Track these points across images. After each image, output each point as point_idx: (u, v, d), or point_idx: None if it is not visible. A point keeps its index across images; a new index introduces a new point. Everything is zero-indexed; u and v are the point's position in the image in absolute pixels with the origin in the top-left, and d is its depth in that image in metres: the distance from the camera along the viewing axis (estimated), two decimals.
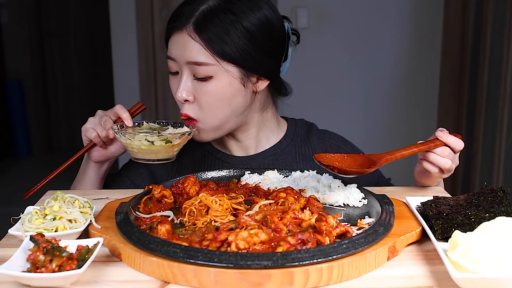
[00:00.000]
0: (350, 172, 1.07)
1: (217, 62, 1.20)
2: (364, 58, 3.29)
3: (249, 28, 1.21)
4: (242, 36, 1.20)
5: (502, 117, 2.61)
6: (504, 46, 2.58)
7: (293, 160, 1.38)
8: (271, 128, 1.40)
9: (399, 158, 1.11)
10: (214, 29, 1.19)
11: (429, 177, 1.21)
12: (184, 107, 1.25)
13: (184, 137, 1.19)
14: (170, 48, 1.25)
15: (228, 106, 1.25)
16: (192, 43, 1.19)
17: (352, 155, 1.11)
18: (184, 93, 1.23)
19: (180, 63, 1.23)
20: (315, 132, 1.44)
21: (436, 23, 3.23)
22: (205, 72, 1.20)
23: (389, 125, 3.39)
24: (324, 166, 1.07)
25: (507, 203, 0.98)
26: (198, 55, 1.19)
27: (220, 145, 1.41)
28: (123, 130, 1.22)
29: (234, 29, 1.19)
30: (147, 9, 3.26)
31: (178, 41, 1.21)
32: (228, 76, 1.22)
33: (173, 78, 1.28)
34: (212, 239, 0.85)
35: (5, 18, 5.28)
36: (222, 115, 1.25)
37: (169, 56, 1.25)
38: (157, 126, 1.29)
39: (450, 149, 1.14)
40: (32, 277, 0.78)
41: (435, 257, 0.90)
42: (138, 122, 1.29)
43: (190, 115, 1.25)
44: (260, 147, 1.39)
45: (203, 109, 1.24)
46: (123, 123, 1.25)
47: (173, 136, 1.17)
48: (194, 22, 1.19)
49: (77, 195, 1.01)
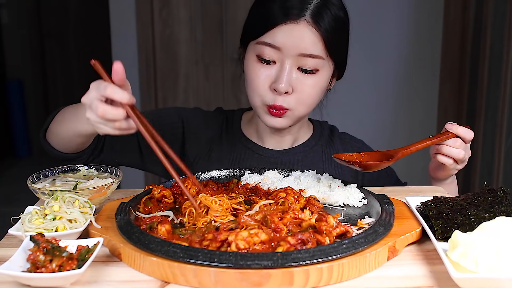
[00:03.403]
0: (371, 166, 1.10)
1: (327, 56, 1.22)
2: (364, 58, 3.29)
3: (347, 23, 1.26)
4: (343, 31, 1.25)
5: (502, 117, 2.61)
6: (504, 46, 2.58)
7: (319, 159, 1.40)
8: (305, 127, 1.44)
9: (413, 151, 1.15)
10: (328, 21, 1.20)
11: (444, 170, 1.25)
12: (279, 99, 1.23)
13: (94, 192, 1.04)
14: (278, 36, 1.19)
15: (318, 100, 1.30)
16: (311, 35, 1.19)
17: (369, 153, 1.15)
18: (287, 84, 1.21)
19: (288, 53, 1.20)
20: (337, 134, 1.47)
21: (436, 23, 3.23)
22: (314, 65, 1.21)
23: (389, 125, 3.39)
24: (345, 162, 1.10)
25: (507, 203, 0.98)
26: (314, 47, 1.20)
27: (254, 136, 1.42)
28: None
29: (340, 23, 1.23)
30: (147, 9, 3.26)
31: (292, 31, 1.19)
32: (329, 70, 1.26)
33: (262, 66, 1.23)
34: (212, 239, 0.85)
35: (5, 18, 5.28)
36: (311, 108, 1.30)
37: (271, 44, 1.20)
38: (93, 174, 1.17)
39: (461, 140, 1.18)
40: (32, 277, 0.78)
41: (435, 257, 0.90)
42: (76, 167, 1.18)
43: (284, 107, 1.24)
44: (294, 143, 1.42)
45: (301, 100, 1.24)
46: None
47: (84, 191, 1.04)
48: (312, 14, 1.19)
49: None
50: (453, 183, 1.34)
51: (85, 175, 1.17)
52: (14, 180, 4.82)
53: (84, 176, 1.16)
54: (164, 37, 3.31)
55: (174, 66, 3.36)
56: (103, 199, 1.08)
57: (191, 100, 3.38)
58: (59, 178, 1.14)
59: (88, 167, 1.19)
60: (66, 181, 1.12)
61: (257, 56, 1.23)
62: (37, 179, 1.11)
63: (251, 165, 1.37)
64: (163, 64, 3.35)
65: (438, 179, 1.31)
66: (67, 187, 1.07)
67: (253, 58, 1.24)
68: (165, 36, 3.31)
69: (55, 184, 1.11)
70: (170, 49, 3.33)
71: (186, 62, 3.36)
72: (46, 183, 1.11)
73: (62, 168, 1.17)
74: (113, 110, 0.92)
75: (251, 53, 1.25)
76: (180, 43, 3.33)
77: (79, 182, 1.11)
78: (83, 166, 1.18)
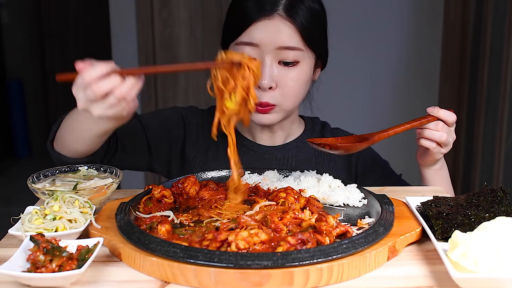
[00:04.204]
0: (340, 147, 1.10)
1: (305, 47, 1.24)
2: (364, 58, 3.28)
3: (323, 14, 1.28)
4: (319, 21, 1.27)
5: (502, 117, 2.61)
6: (504, 46, 2.58)
7: (312, 155, 1.41)
8: (297, 123, 1.45)
9: (392, 135, 1.17)
10: (302, 13, 1.22)
11: (429, 155, 1.25)
12: (264, 95, 1.25)
13: (94, 192, 1.04)
14: (255, 34, 1.22)
15: (304, 91, 1.31)
16: (285, 28, 1.21)
17: (345, 137, 1.17)
18: (270, 79, 1.23)
19: (266, 49, 1.22)
20: (329, 129, 1.49)
21: (436, 23, 3.22)
22: (294, 57, 1.23)
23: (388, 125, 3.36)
24: (315, 145, 1.12)
25: (507, 203, 0.98)
26: (291, 39, 1.22)
27: (247, 133, 1.43)
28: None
29: (315, 14, 1.25)
30: (147, 9, 3.26)
31: (267, 26, 1.22)
32: (309, 61, 1.27)
33: None
34: (212, 239, 0.85)
35: (5, 18, 5.28)
36: (298, 100, 1.31)
37: (249, 42, 1.23)
38: (93, 174, 1.16)
39: (443, 123, 1.19)
40: (32, 277, 0.78)
41: (435, 257, 0.90)
42: (76, 167, 1.17)
43: (270, 103, 1.26)
44: (287, 139, 1.43)
45: (285, 94, 1.26)
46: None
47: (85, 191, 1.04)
48: (284, 7, 1.21)
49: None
50: (443, 168, 1.33)
51: (85, 175, 1.17)
52: (14, 180, 4.82)
53: (84, 176, 1.16)
54: (164, 37, 3.31)
55: None
56: (103, 199, 1.08)
57: (191, 100, 3.38)
58: (59, 178, 1.14)
59: (88, 167, 1.19)
60: (66, 181, 1.12)
61: None
62: (37, 179, 1.11)
63: (247, 161, 1.37)
64: (163, 64, 3.34)
65: (426, 164, 1.31)
66: (67, 187, 1.07)
67: None
68: (165, 36, 3.31)
69: (55, 184, 1.11)
70: (170, 49, 3.33)
71: (186, 62, 3.35)
72: (46, 183, 1.11)
73: (62, 168, 1.17)
74: (106, 81, 0.95)
75: None
76: (180, 43, 3.33)
77: (79, 182, 1.11)
78: (83, 166, 1.18)
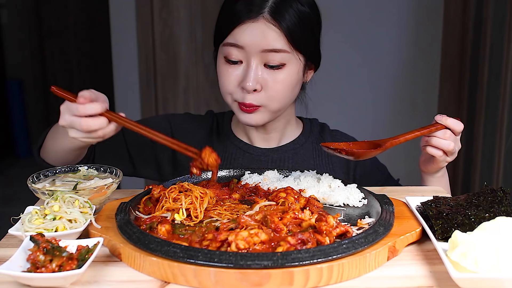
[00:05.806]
0: (358, 154, 1.10)
1: (291, 50, 1.23)
2: (364, 58, 3.28)
3: (313, 17, 1.27)
4: (308, 24, 1.25)
5: (502, 117, 2.60)
6: (504, 46, 2.58)
7: (310, 156, 1.41)
8: (293, 124, 1.45)
9: (402, 142, 1.16)
10: (289, 16, 1.21)
11: (434, 162, 1.25)
12: (248, 97, 1.25)
13: (94, 192, 1.05)
14: (240, 36, 1.22)
15: (292, 94, 1.30)
16: (270, 31, 1.21)
17: (357, 142, 1.16)
18: (255, 82, 1.23)
19: (251, 51, 1.22)
20: (328, 131, 1.48)
21: (436, 23, 3.22)
22: (280, 60, 1.23)
23: (388, 125, 3.39)
24: (331, 150, 1.12)
25: (507, 203, 0.98)
26: (276, 42, 1.21)
27: (243, 135, 1.43)
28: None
29: (303, 17, 1.24)
30: (147, 9, 3.26)
31: (252, 29, 1.21)
32: (297, 63, 1.26)
33: (230, 67, 1.26)
34: (212, 239, 0.85)
35: (5, 18, 5.28)
36: (286, 102, 1.30)
37: (234, 44, 1.23)
38: (93, 174, 1.17)
39: (451, 132, 1.18)
40: (32, 277, 0.78)
41: (435, 257, 0.90)
42: (76, 167, 1.18)
43: (254, 104, 1.25)
44: (282, 141, 1.43)
45: (271, 97, 1.25)
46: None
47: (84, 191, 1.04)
48: (270, 10, 1.21)
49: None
50: (444, 176, 1.34)
51: (85, 175, 1.17)
52: (14, 180, 4.82)
53: (84, 176, 1.17)
54: (164, 37, 3.31)
55: (174, 66, 3.36)
56: (103, 199, 1.08)
57: (191, 100, 3.38)
58: (59, 178, 1.14)
59: (88, 167, 1.19)
60: (66, 181, 1.13)
61: (225, 57, 1.26)
62: (37, 179, 1.11)
63: (243, 164, 1.38)
64: (163, 64, 3.34)
65: (429, 172, 1.31)
66: (67, 187, 1.07)
67: (221, 60, 1.27)
68: (165, 36, 3.31)
69: (55, 184, 1.11)
70: (170, 49, 3.33)
71: (186, 62, 3.35)
72: (46, 183, 1.11)
73: (62, 168, 1.17)
74: (94, 121, 1.02)
75: (220, 55, 1.28)
76: (180, 43, 3.33)
77: (79, 182, 1.11)
78: (83, 166, 1.18)
